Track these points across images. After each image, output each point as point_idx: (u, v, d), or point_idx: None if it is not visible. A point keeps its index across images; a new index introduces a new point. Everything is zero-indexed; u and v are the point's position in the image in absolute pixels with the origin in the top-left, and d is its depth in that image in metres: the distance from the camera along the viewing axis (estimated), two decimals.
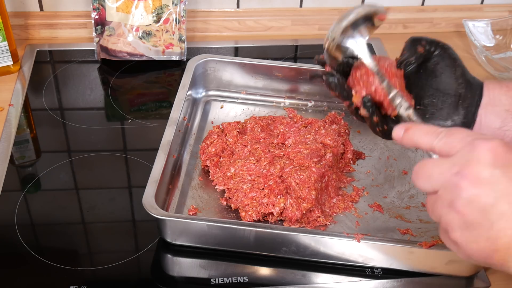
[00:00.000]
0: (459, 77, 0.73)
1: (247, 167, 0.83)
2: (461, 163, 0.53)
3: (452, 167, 0.54)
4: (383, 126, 0.72)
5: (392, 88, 0.69)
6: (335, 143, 0.87)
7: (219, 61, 1.01)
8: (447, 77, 0.73)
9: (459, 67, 0.73)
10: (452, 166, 0.54)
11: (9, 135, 0.96)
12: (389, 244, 0.75)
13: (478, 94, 0.72)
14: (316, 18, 1.23)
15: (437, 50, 0.73)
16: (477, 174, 0.52)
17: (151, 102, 1.06)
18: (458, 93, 0.72)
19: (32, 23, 1.18)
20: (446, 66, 0.73)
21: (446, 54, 0.73)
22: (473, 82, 0.73)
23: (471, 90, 0.72)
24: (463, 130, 0.57)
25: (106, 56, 1.12)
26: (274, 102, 1.03)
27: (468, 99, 0.72)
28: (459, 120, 0.72)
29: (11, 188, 0.88)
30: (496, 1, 1.26)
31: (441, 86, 0.73)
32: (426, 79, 0.74)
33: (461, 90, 0.72)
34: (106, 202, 0.86)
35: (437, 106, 0.73)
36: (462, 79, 0.73)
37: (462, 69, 0.73)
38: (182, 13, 1.11)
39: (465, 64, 0.74)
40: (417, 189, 0.88)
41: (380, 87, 0.70)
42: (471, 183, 0.52)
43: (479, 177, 0.52)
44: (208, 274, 0.77)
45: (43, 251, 0.79)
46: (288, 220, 0.80)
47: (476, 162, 0.52)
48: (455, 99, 0.72)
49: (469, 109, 0.72)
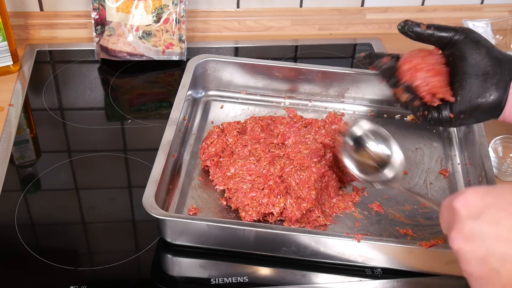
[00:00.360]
0: (485, 57, 0.76)
1: (247, 167, 0.83)
2: (447, 228, 0.56)
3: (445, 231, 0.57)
4: (424, 111, 0.79)
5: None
6: (335, 143, 0.87)
7: (219, 61, 1.01)
8: (473, 59, 0.77)
9: (483, 47, 0.77)
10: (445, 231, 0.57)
11: (9, 135, 0.96)
12: (389, 244, 0.75)
13: (509, 69, 0.74)
14: (316, 18, 1.23)
15: (457, 36, 0.77)
16: (461, 232, 0.53)
17: (151, 102, 1.06)
18: (486, 71, 0.75)
19: (32, 23, 1.18)
20: (470, 50, 0.77)
21: (467, 39, 0.77)
22: (502, 58, 0.76)
23: (500, 66, 0.75)
24: (446, 200, 0.58)
25: (106, 56, 1.12)
26: (274, 102, 1.03)
27: (497, 75, 0.75)
28: (490, 97, 0.75)
29: (11, 188, 0.88)
30: (496, 1, 1.26)
31: (468, 69, 0.77)
32: (454, 66, 0.78)
33: (488, 68, 0.75)
34: (106, 202, 0.86)
35: (465, 88, 0.77)
36: (488, 58, 0.76)
37: (486, 49, 0.77)
38: (182, 13, 1.11)
39: None
40: (417, 189, 0.88)
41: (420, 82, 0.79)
42: (462, 243, 0.53)
43: (464, 235, 0.53)
44: (208, 274, 0.77)
45: (43, 251, 0.79)
46: (288, 220, 0.80)
47: (456, 222, 0.54)
48: (483, 78, 0.76)
49: (498, 84, 0.75)
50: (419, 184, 0.89)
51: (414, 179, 0.90)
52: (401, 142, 0.96)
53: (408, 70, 0.81)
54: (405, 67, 0.81)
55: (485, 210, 0.52)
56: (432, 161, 0.93)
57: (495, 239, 0.51)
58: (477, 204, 0.53)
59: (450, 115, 0.78)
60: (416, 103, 0.80)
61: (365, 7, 1.24)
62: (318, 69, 1.00)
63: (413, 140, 0.96)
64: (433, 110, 0.79)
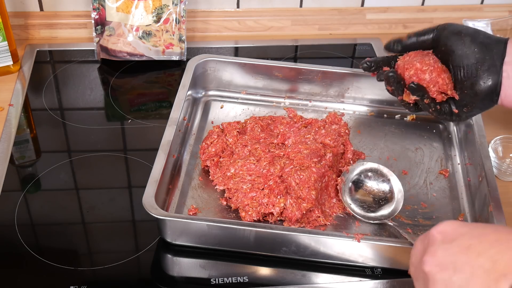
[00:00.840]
0: (470, 45, 0.75)
1: (247, 167, 0.83)
2: (417, 258, 0.59)
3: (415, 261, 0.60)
4: (435, 106, 0.81)
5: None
6: (335, 143, 0.87)
7: (219, 61, 1.01)
8: (459, 50, 0.77)
9: (466, 36, 0.76)
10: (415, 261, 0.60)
11: (9, 135, 0.96)
12: (389, 244, 0.75)
13: (497, 53, 0.74)
14: (316, 18, 1.23)
15: (438, 33, 0.77)
16: (434, 255, 0.56)
17: (151, 102, 1.06)
18: (475, 59, 0.75)
19: (32, 23, 1.18)
20: (454, 42, 0.77)
21: (448, 32, 0.77)
22: (489, 42, 0.75)
23: (488, 51, 0.75)
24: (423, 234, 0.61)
25: (106, 56, 1.12)
26: (274, 102, 1.03)
27: (487, 61, 0.74)
28: (485, 84, 0.75)
29: (11, 188, 0.88)
30: (496, 1, 1.26)
31: (457, 61, 0.77)
32: (445, 62, 0.79)
33: (477, 56, 0.75)
34: (106, 202, 0.86)
35: (460, 81, 0.77)
36: (474, 46, 0.75)
37: (470, 37, 0.76)
38: (182, 13, 1.11)
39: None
40: (417, 189, 0.88)
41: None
42: (433, 266, 0.55)
43: (436, 258, 0.55)
44: (208, 274, 0.77)
45: (43, 251, 0.79)
46: (288, 220, 0.80)
47: (430, 246, 0.57)
48: (474, 67, 0.75)
49: (490, 70, 0.74)
50: (419, 184, 0.89)
51: (414, 179, 0.90)
52: (401, 142, 0.96)
53: (413, 75, 0.81)
54: (409, 73, 0.82)
55: (459, 237, 0.55)
56: (432, 161, 0.93)
57: (463, 264, 0.53)
58: (452, 232, 0.56)
59: (455, 110, 0.79)
60: (426, 101, 0.81)
61: (365, 7, 1.24)
62: (318, 69, 1.00)
63: (413, 140, 0.96)
64: (444, 103, 0.81)
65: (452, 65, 0.78)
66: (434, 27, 0.81)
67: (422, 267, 0.56)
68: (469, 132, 0.92)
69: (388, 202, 0.84)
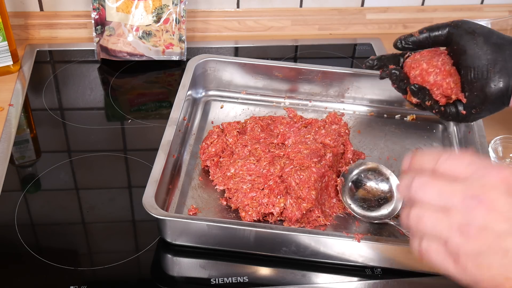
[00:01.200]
0: (483, 45, 0.73)
1: (247, 167, 0.83)
2: (475, 188, 0.51)
3: (466, 189, 0.52)
4: (439, 108, 0.80)
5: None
6: (335, 143, 0.87)
7: (219, 61, 1.01)
8: (471, 50, 0.74)
9: (480, 36, 0.74)
10: (465, 189, 0.52)
11: (9, 135, 0.96)
12: (389, 244, 0.75)
13: (510, 54, 0.72)
14: (316, 18, 1.23)
15: (452, 30, 0.76)
16: (492, 201, 0.50)
17: (151, 102, 1.06)
18: (487, 61, 0.73)
19: (32, 23, 1.18)
20: (467, 42, 0.74)
21: (462, 31, 0.75)
22: (502, 43, 0.73)
23: (501, 52, 0.72)
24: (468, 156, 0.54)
25: (106, 56, 1.12)
26: (274, 102, 1.03)
27: (499, 62, 0.72)
28: (496, 87, 0.73)
29: (11, 188, 0.88)
30: (496, 1, 1.26)
31: (469, 62, 0.74)
32: (457, 61, 0.77)
33: (489, 57, 0.73)
34: (106, 202, 0.86)
35: (470, 83, 0.75)
36: (486, 46, 0.73)
37: (483, 37, 0.74)
38: (182, 13, 1.11)
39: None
40: None
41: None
42: (487, 209, 0.50)
43: (494, 204, 0.50)
44: (208, 274, 0.77)
45: (43, 251, 0.79)
46: (288, 220, 0.80)
47: (490, 188, 0.51)
48: (486, 68, 0.73)
49: (502, 72, 0.72)
50: None
51: None
52: (401, 142, 0.96)
53: (417, 75, 0.81)
54: (414, 72, 0.81)
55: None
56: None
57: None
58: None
59: (463, 112, 0.78)
60: (428, 103, 0.80)
61: (365, 7, 1.24)
62: (318, 69, 1.00)
63: (413, 140, 0.96)
64: (450, 105, 0.79)
65: (462, 65, 0.76)
66: (448, 23, 0.78)
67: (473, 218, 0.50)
68: (469, 132, 0.92)
69: (388, 202, 0.84)
